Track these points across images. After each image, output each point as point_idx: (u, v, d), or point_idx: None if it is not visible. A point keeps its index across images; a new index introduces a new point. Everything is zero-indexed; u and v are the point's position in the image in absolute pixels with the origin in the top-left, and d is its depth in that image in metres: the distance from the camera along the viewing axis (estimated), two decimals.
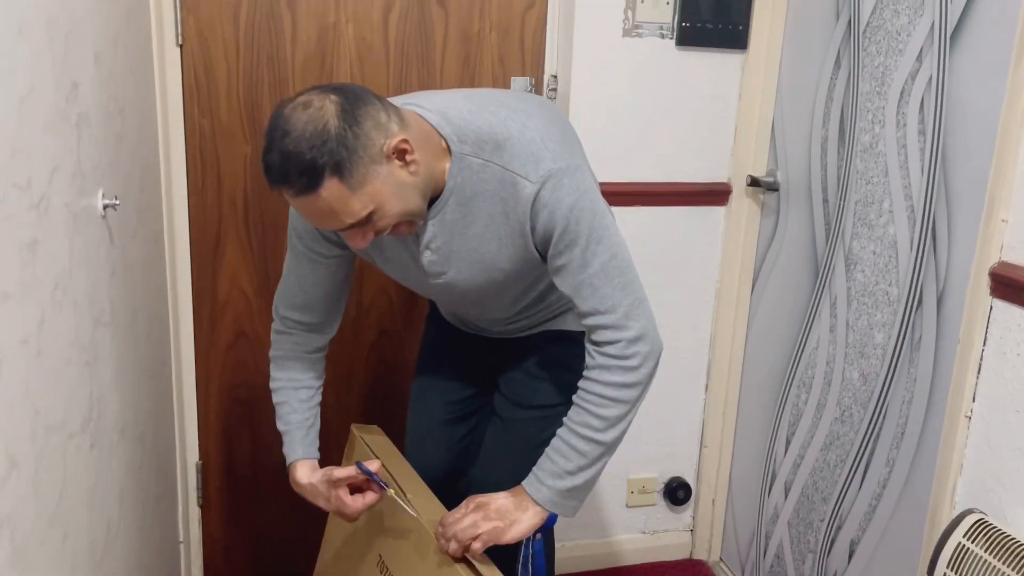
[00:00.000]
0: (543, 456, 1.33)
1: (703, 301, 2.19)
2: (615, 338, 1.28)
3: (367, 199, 1.16)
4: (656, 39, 1.98)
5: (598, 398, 1.29)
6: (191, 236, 1.93)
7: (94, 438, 1.18)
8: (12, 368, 0.86)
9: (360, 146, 1.13)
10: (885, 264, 1.66)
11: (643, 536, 2.32)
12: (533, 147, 1.23)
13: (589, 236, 1.24)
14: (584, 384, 1.31)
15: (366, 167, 1.14)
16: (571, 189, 1.23)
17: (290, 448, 1.48)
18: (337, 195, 1.14)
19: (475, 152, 1.24)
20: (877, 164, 1.67)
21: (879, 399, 1.68)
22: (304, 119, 1.12)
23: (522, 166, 1.23)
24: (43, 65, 0.97)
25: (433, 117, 1.25)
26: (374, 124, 1.15)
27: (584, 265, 1.25)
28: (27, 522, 0.90)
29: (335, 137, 1.11)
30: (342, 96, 1.15)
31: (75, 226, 1.10)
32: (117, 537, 1.31)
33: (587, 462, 1.30)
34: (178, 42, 1.83)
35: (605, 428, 1.29)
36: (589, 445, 1.29)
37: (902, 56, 1.60)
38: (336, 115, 1.12)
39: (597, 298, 1.27)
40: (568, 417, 1.32)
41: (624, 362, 1.28)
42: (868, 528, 1.72)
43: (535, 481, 1.32)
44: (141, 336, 1.55)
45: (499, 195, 1.25)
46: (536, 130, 1.25)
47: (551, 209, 1.23)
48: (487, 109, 1.27)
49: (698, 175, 2.10)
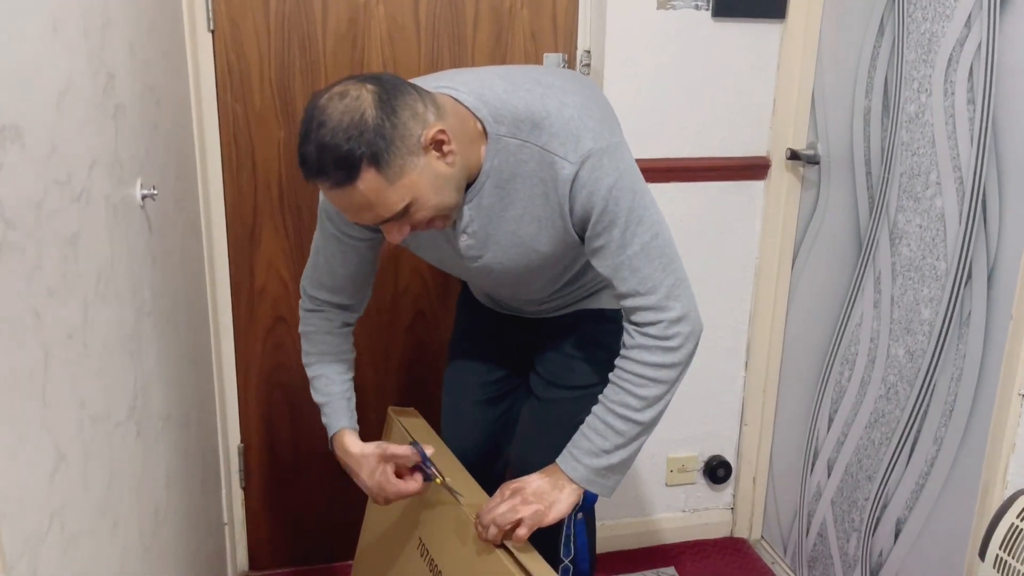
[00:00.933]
0: (578, 434, 1.32)
1: (743, 278, 2.16)
2: (656, 319, 1.26)
3: (404, 191, 1.14)
4: (691, 11, 1.93)
5: (637, 377, 1.27)
6: (227, 222, 1.94)
7: (139, 426, 1.20)
8: (59, 362, 0.87)
9: (398, 136, 1.11)
10: (932, 238, 1.62)
11: (683, 515, 2.31)
12: (572, 126, 1.21)
13: (629, 216, 1.22)
14: (622, 363, 1.29)
15: (403, 158, 1.12)
16: (610, 169, 1.21)
17: (334, 418, 1.46)
18: (374, 187, 1.12)
19: (512, 132, 1.22)
20: (924, 135, 1.62)
21: (926, 376, 1.64)
22: (341, 109, 1.10)
23: (561, 146, 1.20)
24: (79, 59, 0.97)
25: (468, 99, 1.22)
26: (411, 114, 1.13)
27: (623, 246, 1.23)
28: (78, 513, 0.91)
29: (373, 127, 1.09)
30: (379, 85, 1.12)
31: (115, 217, 1.11)
32: (165, 522, 1.33)
33: (624, 441, 1.29)
34: (210, 28, 1.82)
35: (643, 408, 1.28)
36: (626, 424, 1.28)
37: (950, 22, 1.55)
38: (373, 105, 1.10)
39: (637, 279, 1.25)
40: (604, 395, 1.30)
41: (665, 343, 1.26)
42: (915, 507, 1.69)
43: (570, 459, 1.30)
44: (182, 323, 1.56)
45: (538, 176, 1.23)
46: (574, 107, 1.22)
47: (590, 190, 1.21)
48: (523, 87, 1.24)
49: (736, 149, 2.05)
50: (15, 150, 0.77)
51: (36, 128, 0.83)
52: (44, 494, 0.82)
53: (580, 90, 1.28)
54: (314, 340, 1.48)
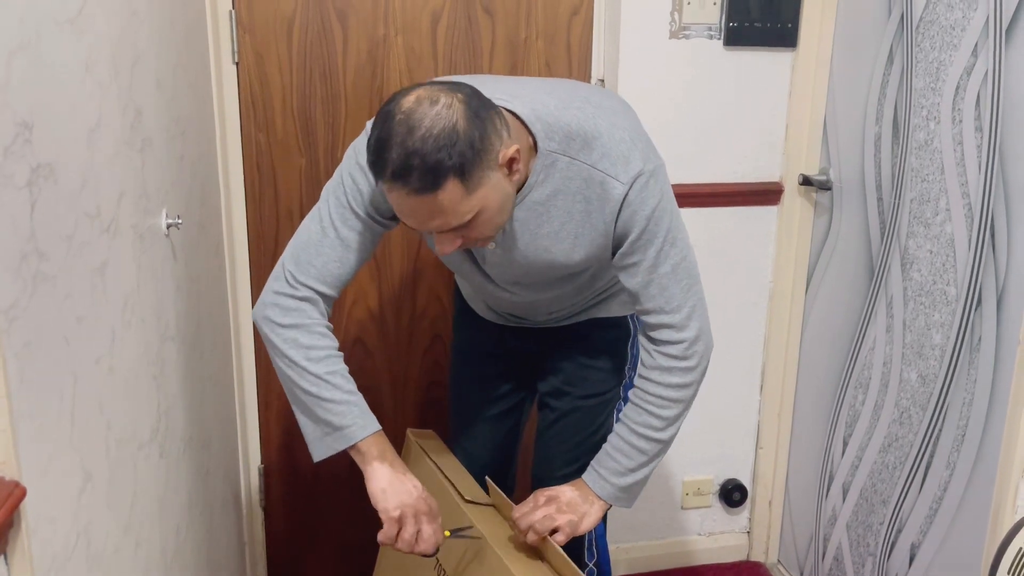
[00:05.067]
0: (603, 453, 1.38)
1: (757, 302, 2.17)
2: (677, 339, 1.31)
3: (477, 203, 1.13)
4: (704, 40, 1.97)
5: (658, 399, 1.33)
6: (250, 248, 1.99)
7: (163, 448, 1.24)
8: (86, 386, 0.91)
9: (483, 150, 1.11)
10: (943, 263, 1.63)
11: (699, 538, 2.32)
12: (623, 147, 1.24)
13: (666, 237, 1.27)
14: (644, 384, 1.34)
15: (483, 171, 1.12)
16: (656, 191, 1.26)
17: (366, 417, 1.32)
18: (454, 197, 1.11)
19: (562, 149, 1.24)
20: (933, 161, 1.64)
21: (938, 400, 1.65)
22: (432, 115, 1.08)
23: (612, 166, 1.24)
24: (109, 97, 1.02)
25: (524, 112, 1.23)
26: (494, 129, 1.13)
27: (656, 265, 1.28)
28: (102, 531, 0.95)
29: (464, 139, 1.09)
30: (468, 96, 1.12)
31: (141, 246, 1.16)
32: (186, 541, 1.37)
33: (647, 459, 1.36)
34: (234, 60, 1.88)
35: (664, 427, 1.35)
36: (649, 444, 1.35)
37: (957, 51, 1.57)
38: (465, 116, 1.09)
39: (664, 297, 1.30)
40: (627, 416, 1.36)
41: (684, 363, 1.32)
42: (929, 531, 1.69)
43: (598, 478, 1.37)
44: (205, 347, 1.61)
45: (583, 193, 1.25)
46: (625, 130, 1.26)
47: (634, 209, 1.25)
48: (573, 105, 1.26)
49: (749, 175, 2.08)
50: (48, 187, 0.82)
51: (68, 165, 0.87)
52: (72, 512, 0.86)
53: (626, 112, 1.33)
54: (316, 332, 1.31)
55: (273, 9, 1.87)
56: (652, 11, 1.93)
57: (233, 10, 1.85)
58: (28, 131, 0.78)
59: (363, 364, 2.10)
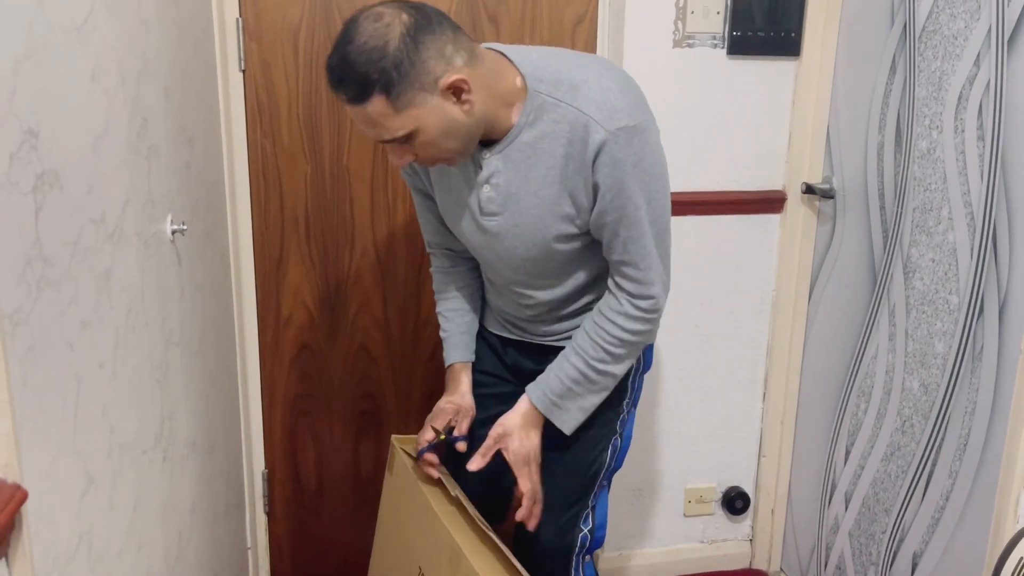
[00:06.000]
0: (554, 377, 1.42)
1: (760, 310, 2.18)
2: (647, 293, 1.37)
3: (409, 121, 1.21)
4: (707, 49, 1.98)
5: (617, 340, 1.38)
6: (255, 254, 2.00)
7: (166, 452, 1.25)
8: (90, 390, 0.92)
9: (414, 72, 1.17)
10: (945, 272, 1.63)
11: (701, 545, 2.32)
12: (610, 95, 1.27)
13: (643, 195, 1.30)
14: (605, 324, 1.38)
15: (415, 93, 1.18)
16: (638, 147, 1.28)
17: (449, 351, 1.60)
18: (381, 111, 1.19)
19: (550, 91, 1.28)
20: (935, 170, 1.65)
21: (941, 409, 1.65)
22: (369, 31, 1.16)
23: (598, 110, 1.26)
24: (115, 105, 1.04)
25: (514, 55, 1.30)
26: (436, 53, 1.18)
27: (636, 222, 1.31)
28: (105, 535, 0.96)
29: (391, 57, 1.16)
30: (415, 17, 1.18)
31: (146, 252, 1.17)
32: (189, 545, 1.38)
33: (594, 390, 1.42)
34: (241, 68, 1.90)
35: (614, 362, 1.41)
36: (601, 377, 1.41)
37: (959, 61, 1.57)
38: (399, 36, 1.16)
39: (640, 253, 1.34)
40: (582, 349, 1.40)
41: (649, 315, 1.38)
42: (931, 540, 1.69)
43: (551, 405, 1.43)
44: (209, 352, 1.62)
45: (567, 136, 1.28)
46: (612, 81, 1.30)
47: (614, 163, 1.27)
48: (568, 58, 1.35)
49: (752, 183, 2.08)
50: (54, 194, 0.83)
51: (74, 172, 0.89)
52: (74, 516, 0.87)
53: (618, 72, 1.37)
54: (436, 278, 1.62)
55: (280, 17, 1.89)
56: (656, 20, 1.94)
57: (240, 18, 1.87)
58: (34, 138, 0.79)
59: (367, 371, 2.11)
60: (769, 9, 1.96)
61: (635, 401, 1.55)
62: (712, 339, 2.16)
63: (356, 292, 2.06)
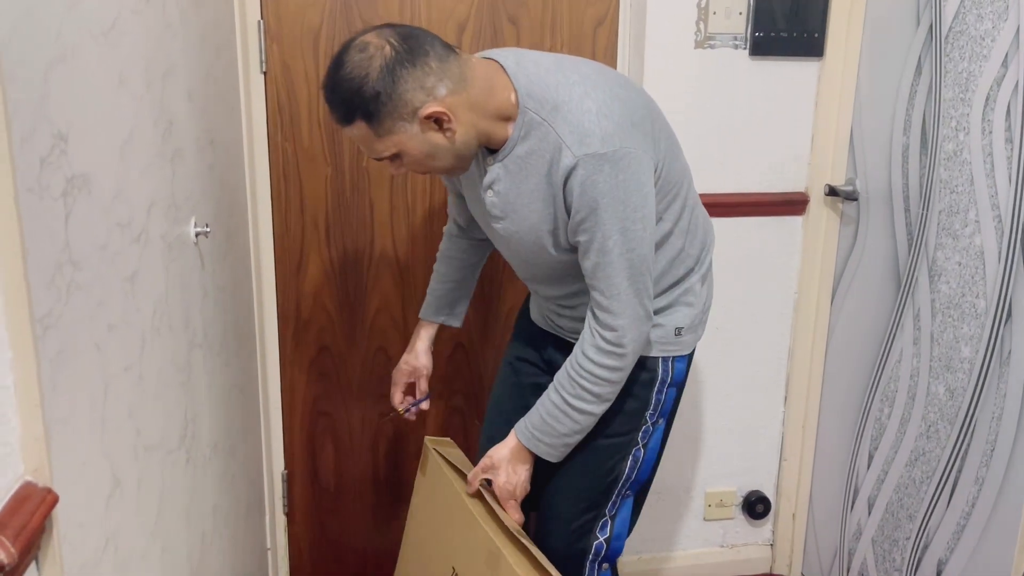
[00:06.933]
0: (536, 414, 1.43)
1: (782, 313, 2.16)
2: (612, 324, 1.34)
3: (391, 145, 1.28)
4: (729, 50, 1.96)
5: (592, 376, 1.37)
6: (276, 256, 2.01)
7: (189, 454, 1.25)
8: (117, 393, 0.92)
9: (391, 104, 1.24)
10: (971, 275, 1.61)
11: (722, 550, 2.30)
12: (587, 118, 1.26)
13: (615, 224, 1.28)
14: (580, 359, 1.37)
15: (394, 121, 1.25)
16: (610, 175, 1.26)
17: (423, 307, 1.73)
18: (363, 135, 1.28)
19: (537, 109, 1.31)
20: (962, 173, 1.63)
21: (967, 415, 1.63)
22: (354, 62, 1.24)
23: (570, 134, 1.27)
24: (142, 109, 1.04)
25: (511, 67, 1.33)
26: (415, 86, 1.24)
27: (604, 251, 1.30)
28: (130, 536, 0.96)
29: (370, 90, 1.23)
30: (398, 48, 1.24)
31: (170, 255, 1.17)
32: (211, 547, 1.38)
33: (577, 428, 1.41)
34: (262, 70, 1.90)
35: (595, 402, 1.39)
36: (580, 416, 1.40)
37: (987, 62, 1.55)
38: (378, 70, 1.22)
39: (607, 283, 1.32)
40: (560, 385, 1.40)
41: (617, 349, 1.35)
42: (956, 547, 1.67)
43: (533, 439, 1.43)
44: (231, 354, 1.62)
45: (548, 156, 1.30)
46: (596, 101, 1.27)
47: (583, 189, 1.27)
48: (560, 72, 1.32)
49: (775, 185, 2.07)
50: (82, 197, 0.83)
51: (102, 176, 0.89)
52: (101, 518, 0.87)
53: (612, 88, 1.32)
54: (443, 244, 1.73)
55: (300, 20, 1.89)
56: (677, 21, 1.93)
57: (261, 21, 1.87)
58: (64, 142, 0.79)
59: (385, 372, 2.10)
60: (792, 10, 1.95)
61: (664, 413, 1.51)
62: (734, 342, 2.15)
63: (375, 294, 2.06)
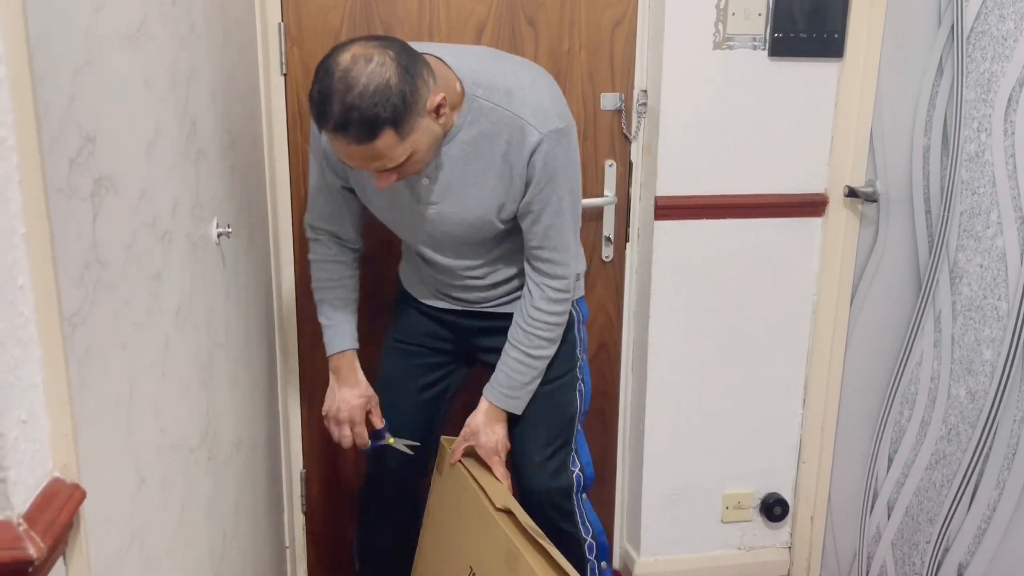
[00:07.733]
0: (501, 375, 1.60)
1: (800, 314, 2.15)
2: (564, 274, 1.55)
3: (409, 146, 1.32)
4: (748, 51, 1.96)
5: (545, 324, 1.56)
6: (295, 255, 2.02)
7: (211, 452, 1.26)
8: (142, 391, 0.93)
9: (413, 101, 1.28)
10: (993, 277, 1.60)
11: (739, 552, 2.29)
12: (543, 101, 1.45)
13: (567, 186, 1.49)
14: (533, 313, 1.56)
15: (415, 119, 1.30)
16: (564, 147, 1.47)
17: (338, 339, 1.67)
18: (389, 144, 1.29)
19: (487, 96, 1.42)
20: (984, 174, 1.61)
21: (988, 418, 1.62)
22: (368, 73, 1.24)
23: (532, 115, 1.43)
24: (167, 110, 1.05)
25: (452, 61, 1.42)
26: (423, 81, 1.31)
27: (559, 212, 1.50)
28: (155, 533, 0.97)
29: (397, 93, 1.25)
30: (396, 51, 1.28)
31: (193, 255, 1.18)
32: (232, 544, 1.40)
33: (536, 374, 1.60)
34: (283, 71, 1.92)
35: (549, 345, 1.60)
36: (539, 361, 1.59)
37: (1009, 62, 1.54)
38: (396, 72, 1.26)
39: (561, 240, 1.52)
40: (519, 340, 1.57)
41: (565, 295, 1.57)
42: (977, 551, 1.65)
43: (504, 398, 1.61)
44: (252, 353, 1.64)
45: (504, 137, 1.43)
46: (544, 88, 1.48)
47: (547, 160, 1.44)
48: (500, 60, 1.52)
49: (794, 186, 2.06)
50: (109, 198, 0.84)
51: (128, 177, 0.90)
52: (127, 515, 0.88)
53: (544, 76, 1.53)
54: (320, 267, 1.68)
55: (321, 22, 1.90)
56: (696, 22, 1.93)
57: (282, 23, 1.89)
58: (92, 144, 0.80)
59: None
60: (812, 10, 1.94)
61: (585, 348, 1.74)
62: (752, 343, 2.14)
63: (392, 294, 2.06)
